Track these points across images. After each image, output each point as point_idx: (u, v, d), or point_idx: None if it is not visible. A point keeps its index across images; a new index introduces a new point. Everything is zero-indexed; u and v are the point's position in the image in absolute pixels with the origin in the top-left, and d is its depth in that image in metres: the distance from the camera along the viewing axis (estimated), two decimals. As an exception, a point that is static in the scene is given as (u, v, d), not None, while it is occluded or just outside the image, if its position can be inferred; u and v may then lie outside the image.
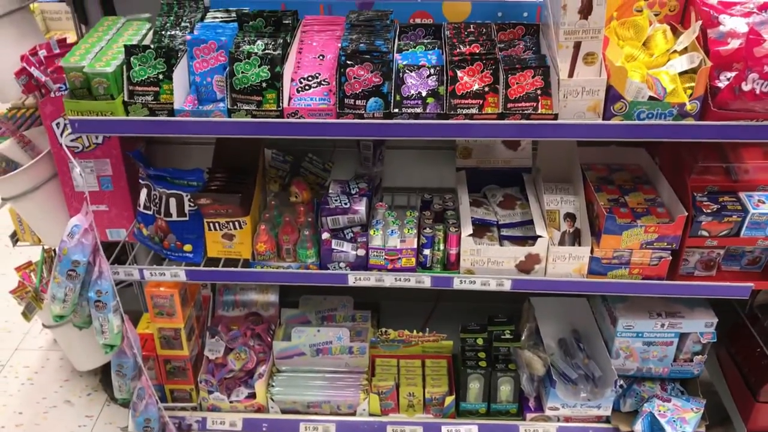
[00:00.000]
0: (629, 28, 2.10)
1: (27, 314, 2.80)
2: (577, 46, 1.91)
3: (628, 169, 2.45)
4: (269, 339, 2.69)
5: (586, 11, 1.85)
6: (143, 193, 2.37)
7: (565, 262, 2.19)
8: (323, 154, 2.61)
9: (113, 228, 2.52)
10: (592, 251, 2.18)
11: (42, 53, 2.33)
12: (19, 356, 3.31)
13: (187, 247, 2.36)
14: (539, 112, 1.96)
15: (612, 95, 1.90)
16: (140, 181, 2.38)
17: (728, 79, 1.88)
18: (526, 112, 1.95)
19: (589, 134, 1.93)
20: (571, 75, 1.93)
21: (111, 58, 2.05)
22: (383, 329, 2.62)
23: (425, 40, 2.19)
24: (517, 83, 1.98)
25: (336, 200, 2.30)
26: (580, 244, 2.24)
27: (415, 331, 2.63)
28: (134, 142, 2.43)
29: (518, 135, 1.99)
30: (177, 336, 2.52)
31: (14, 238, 2.95)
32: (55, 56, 2.35)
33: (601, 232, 2.14)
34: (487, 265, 2.22)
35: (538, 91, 1.98)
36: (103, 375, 3.08)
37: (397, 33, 2.19)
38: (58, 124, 2.34)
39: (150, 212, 2.37)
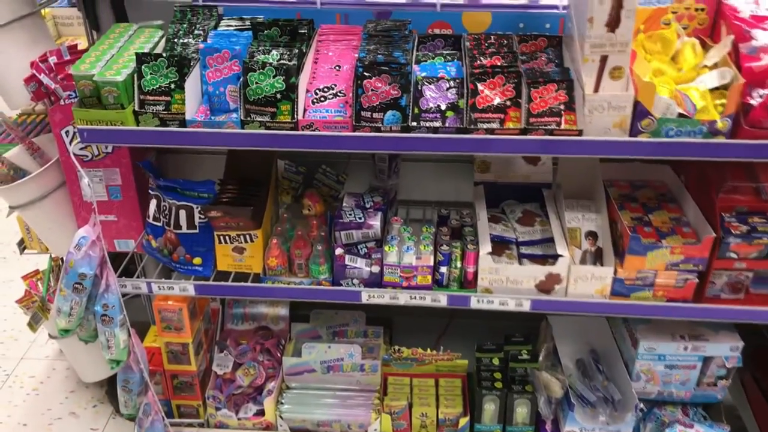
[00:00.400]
0: (656, 42, 2.02)
1: (33, 325, 2.75)
2: (604, 59, 1.84)
3: (652, 186, 2.37)
4: (279, 354, 2.63)
5: (613, 24, 1.79)
6: (153, 204, 2.31)
7: (587, 283, 2.12)
8: (337, 165, 2.55)
9: (122, 239, 2.47)
10: (615, 272, 2.10)
11: (52, 60, 2.28)
12: (25, 365, 3.26)
13: (197, 260, 2.30)
14: (563, 127, 1.89)
15: (639, 111, 1.83)
16: (150, 191, 2.33)
17: (761, 97, 1.80)
18: (549, 127, 1.88)
19: (616, 151, 1.85)
20: (596, 90, 1.86)
21: (122, 67, 1.99)
22: (396, 347, 2.55)
23: (444, 51, 2.13)
24: (540, 97, 1.92)
25: (350, 214, 2.24)
26: (602, 264, 2.17)
27: (429, 349, 2.56)
28: (144, 152, 2.38)
29: (541, 151, 1.91)
30: (185, 351, 2.46)
31: (21, 245, 2.90)
32: (65, 63, 2.29)
33: (625, 252, 2.06)
34: (505, 284, 2.15)
35: (562, 106, 1.91)
36: (110, 387, 3.02)
37: (416, 43, 2.13)
38: (67, 132, 2.30)
39: (159, 224, 2.31)
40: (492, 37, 2.13)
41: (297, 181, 2.52)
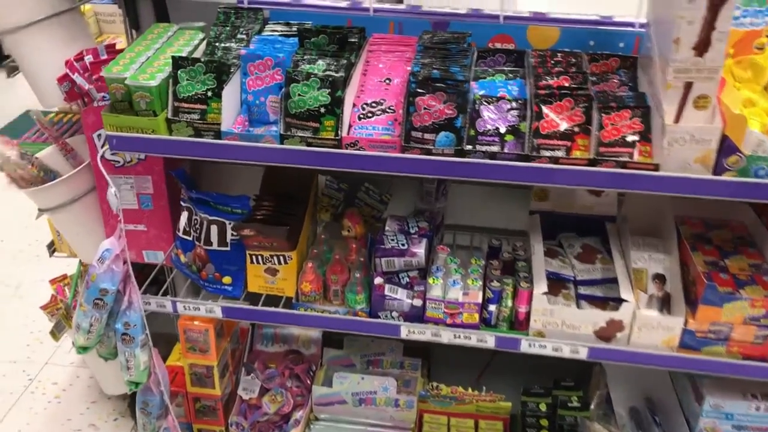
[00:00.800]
0: (747, 68, 1.81)
1: (56, 333, 2.65)
2: (688, 86, 1.62)
3: (729, 226, 2.13)
4: (309, 381, 2.46)
5: (702, 47, 1.57)
6: (184, 216, 2.17)
7: (653, 332, 1.90)
8: (381, 184, 2.38)
9: (151, 250, 2.34)
10: (685, 322, 1.88)
11: (88, 59, 2.16)
12: (49, 371, 3.16)
13: (226, 279, 2.15)
14: (636, 159, 1.69)
15: (726, 146, 1.61)
16: (182, 203, 2.19)
17: None
18: (621, 159, 1.68)
19: (697, 191, 1.64)
20: (677, 120, 1.65)
21: (157, 70, 1.85)
22: (434, 384, 2.37)
23: (506, 68, 1.94)
24: (611, 124, 1.72)
25: (392, 240, 2.06)
26: (669, 312, 1.95)
27: (470, 388, 2.36)
28: (178, 160, 2.24)
29: (611, 185, 1.71)
30: (209, 374, 2.31)
31: (51, 248, 2.81)
32: (102, 62, 2.17)
33: (698, 301, 1.84)
34: (560, 327, 1.94)
35: (636, 136, 1.71)
36: (132, 400, 2.87)
37: (474, 58, 1.95)
38: (99, 136, 2.18)
39: (189, 238, 2.17)
40: (559, 54, 1.94)
41: (338, 199, 2.36)
